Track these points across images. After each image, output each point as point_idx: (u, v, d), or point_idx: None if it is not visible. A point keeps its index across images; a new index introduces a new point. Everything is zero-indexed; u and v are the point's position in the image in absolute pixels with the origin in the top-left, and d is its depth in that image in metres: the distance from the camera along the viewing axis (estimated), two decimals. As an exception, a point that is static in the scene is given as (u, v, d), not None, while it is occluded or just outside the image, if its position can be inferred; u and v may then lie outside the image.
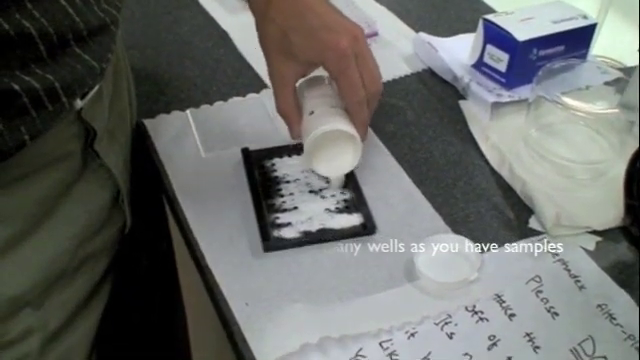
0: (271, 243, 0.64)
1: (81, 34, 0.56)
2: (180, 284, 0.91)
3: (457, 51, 0.87)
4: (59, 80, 0.54)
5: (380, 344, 0.57)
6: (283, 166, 0.73)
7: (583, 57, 0.84)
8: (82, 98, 0.60)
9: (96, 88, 0.62)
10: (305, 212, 0.67)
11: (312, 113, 0.67)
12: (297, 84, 0.69)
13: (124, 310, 0.78)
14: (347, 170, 0.69)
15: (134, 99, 0.80)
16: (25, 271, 0.59)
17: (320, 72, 0.69)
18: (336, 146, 0.67)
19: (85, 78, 0.57)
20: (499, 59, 0.80)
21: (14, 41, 0.50)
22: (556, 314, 0.59)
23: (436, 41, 0.89)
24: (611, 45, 1.29)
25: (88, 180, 0.65)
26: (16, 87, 0.51)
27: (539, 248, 0.65)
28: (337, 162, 0.68)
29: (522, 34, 0.78)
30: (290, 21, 0.64)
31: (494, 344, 0.57)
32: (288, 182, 0.71)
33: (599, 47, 1.10)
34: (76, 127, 0.62)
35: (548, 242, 0.65)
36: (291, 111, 0.68)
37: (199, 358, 1.00)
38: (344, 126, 0.65)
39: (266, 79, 0.85)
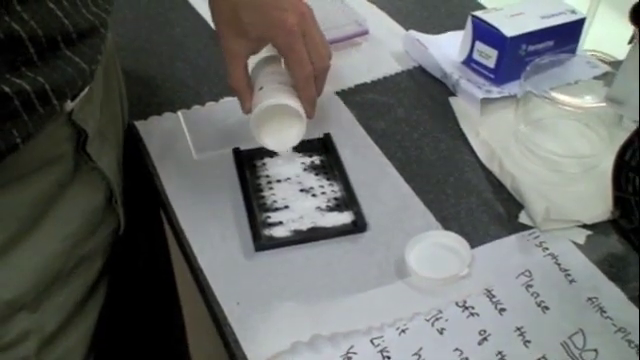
0: (262, 242, 0.65)
1: (70, 37, 0.56)
2: (176, 284, 0.92)
3: (447, 48, 0.87)
4: (49, 82, 0.54)
5: (371, 341, 0.57)
6: (274, 165, 0.73)
7: (572, 52, 0.84)
8: (72, 100, 0.60)
9: (86, 90, 0.63)
10: (296, 211, 0.67)
11: (261, 89, 0.69)
12: (253, 63, 0.72)
13: (121, 311, 0.78)
14: (292, 144, 0.70)
15: (125, 100, 0.80)
16: (20, 274, 0.59)
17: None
18: (282, 121, 0.69)
19: (75, 80, 0.58)
20: (488, 55, 0.80)
21: (4, 44, 0.50)
22: (546, 308, 0.60)
23: (426, 39, 0.89)
24: (603, 39, 1.29)
25: (81, 182, 0.65)
26: (7, 89, 0.51)
27: (529, 242, 0.65)
28: (283, 136, 0.69)
29: (510, 30, 0.78)
30: None
31: (485, 339, 0.57)
32: (279, 181, 0.71)
33: (591, 41, 1.10)
34: (67, 129, 0.62)
35: (538, 236, 0.66)
36: (242, 86, 0.70)
37: (197, 358, 1.00)
38: (289, 101, 0.67)
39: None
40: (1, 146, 0.53)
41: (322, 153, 0.74)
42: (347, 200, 0.69)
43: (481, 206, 0.69)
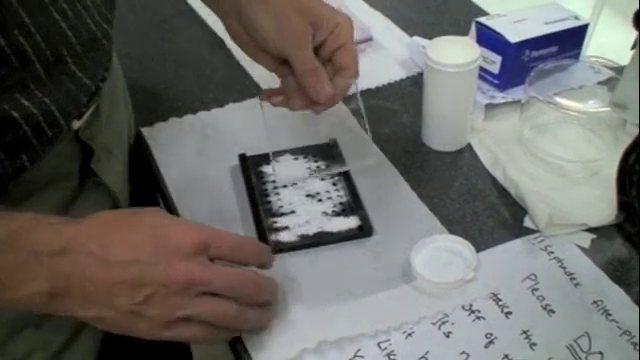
0: (269, 247, 0.65)
1: (75, 49, 0.56)
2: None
3: (451, 54, 0.87)
4: (54, 103, 0.54)
5: (378, 345, 0.57)
6: (280, 170, 0.73)
7: (576, 57, 0.85)
8: (79, 118, 0.61)
9: (92, 108, 0.63)
10: (302, 215, 0.68)
11: None
12: None
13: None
14: None
15: (132, 114, 0.80)
16: None
17: None
18: None
19: (80, 97, 0.58)
20: (492, 61, 0.81)
21: (11, 60, 0.50)
22: (552, 311, 0.60)
23: (430, 44, 0.90)
24: (606, 44, 1.30)
25: (87, 198, 0.65)
26: (15, 114, 0.51)
27: (534, 246, 0.65)
28: None
29: (514, 36, 0.78)
30: None
31: (491, 342, 0.57)
32: (285, 186, 0.71)
33: (595, 47, 1.10)
34: (74, 147, 0.62)
35: (543, 240, 0.66)
36: (316, 67, 0.62)
37: (202, 365, 1.00)
38: None
39: (262, 84, 0.86)
40: (9, 170, 0.53)
41: (328, 158, 0.75)
42: (353, 205, 0.69)
43: (486, 210, 0.69)
